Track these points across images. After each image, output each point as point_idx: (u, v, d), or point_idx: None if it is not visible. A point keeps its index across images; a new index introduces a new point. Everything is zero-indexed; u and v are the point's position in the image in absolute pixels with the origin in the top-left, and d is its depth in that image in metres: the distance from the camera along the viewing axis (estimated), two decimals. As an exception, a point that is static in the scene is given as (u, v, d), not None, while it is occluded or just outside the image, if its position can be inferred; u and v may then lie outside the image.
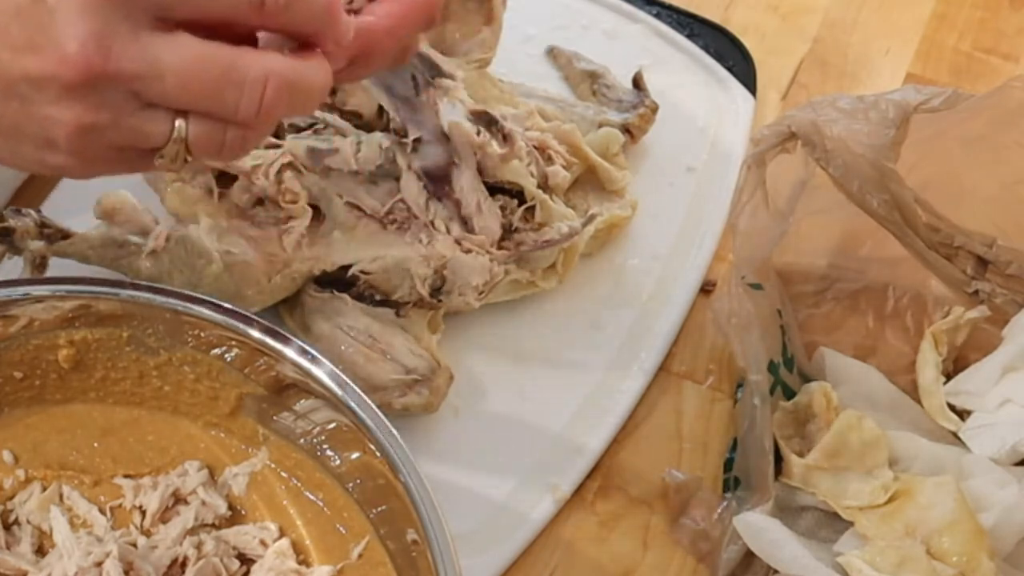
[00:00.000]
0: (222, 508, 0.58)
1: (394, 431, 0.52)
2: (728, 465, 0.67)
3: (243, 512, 0.59)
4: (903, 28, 0.93)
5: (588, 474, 0.67)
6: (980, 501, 0.61)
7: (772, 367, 0.66)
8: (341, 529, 0.57)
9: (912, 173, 0.67)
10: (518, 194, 0.71)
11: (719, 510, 0.65)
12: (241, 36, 0.43)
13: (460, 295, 0.69)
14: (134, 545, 0.56)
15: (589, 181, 0.76)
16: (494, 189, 0.71)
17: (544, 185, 0.72)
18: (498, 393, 0.70)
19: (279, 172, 0.67)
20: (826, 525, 0.63)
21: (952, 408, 0.67)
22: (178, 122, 0.43)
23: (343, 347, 0.66)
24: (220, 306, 0.56)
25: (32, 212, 0.66)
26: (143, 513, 0.58)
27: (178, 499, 0.58)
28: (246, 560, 0.57)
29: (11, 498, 0.57)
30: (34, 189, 0.76)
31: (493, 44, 0.77)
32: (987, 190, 0.71)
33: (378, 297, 0.69)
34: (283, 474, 0.59)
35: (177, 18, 0.42)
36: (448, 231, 0.69)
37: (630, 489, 0.68)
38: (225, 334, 0.55)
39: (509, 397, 0.69)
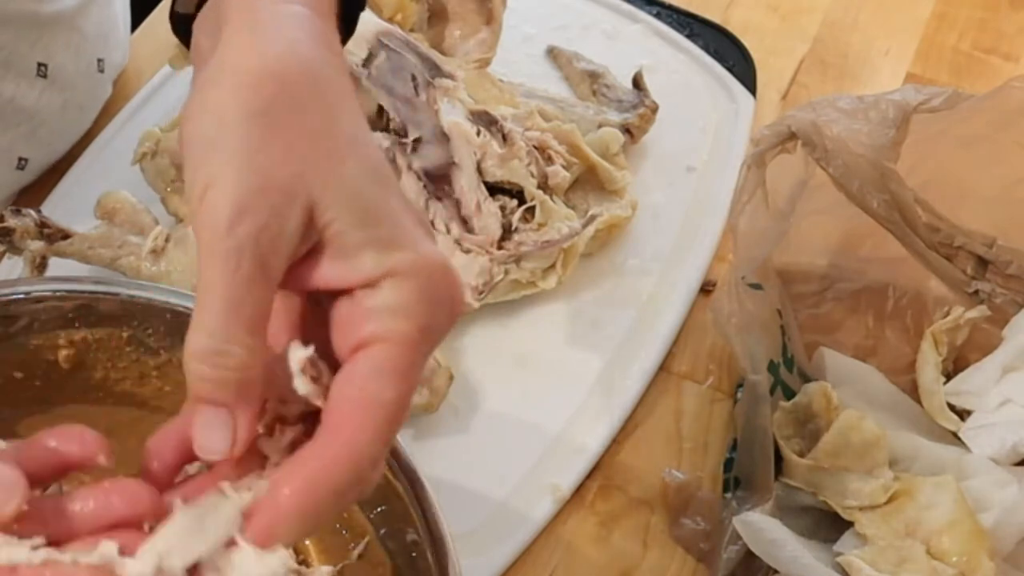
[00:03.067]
0: (222, 508, 0.58)
1: (394, 431, 0.52)
2: (728, 465, 0.67)
3: (243, 512, 0.59)
4: (903, 28, 0.93)
5: (588, 474, 0.67)
6: (980, 501, 0.61)
7: (772, 367, 0.66)
8: (341, 529, 0.57)
9: (912, 173, 0.67)
10: (518, 194, 0.71)
11: (719, 510, 0.65)
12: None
13: (460, 295, 0.69)
14: (134, 545, 0.56)
15: (589, 181, 0.76)
16: (494, 189, 0.71)
17: (544, 185, 0.72)
18: (498, 393, 0.70)
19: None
20: (826, 525, 0.62)
21: (952, 408, 0.67)
22: None
23: (343, 347, 0.66)
24: (220, 306, 0.55)
25: (32, 212, 0.66)
26: (143, 513, 0.58)
27: (178, 499, 0.58)
28: (246, 560, 0.57)
29: (11, 498, 0.57)
30: (34, 189, 0.76)
31: (493, 44, 0.77)
32: (987, 190, 0.71)
33: (378, 297, 0.68)
34: (283, 474, 0.59)
35: None
36: (448, 231, 0.69)
37: (630, 489, 0.68)
38: (225, 334, 0.55)
39: (509, 397, 0.69)
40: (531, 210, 0.71)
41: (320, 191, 0.37)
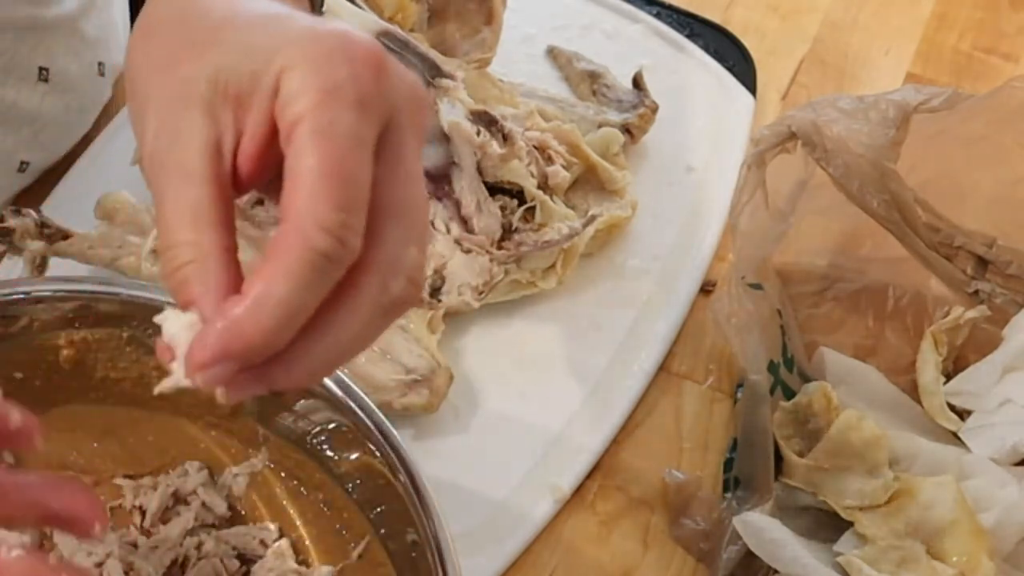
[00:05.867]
0: (222, 508, 0.58)
1: (394, 431, 0.52)
2: (728, 465, 0.67)
3: (243, 512, 0.59)
4: (903, 28, 0.93)
5: (588, 474, 0.67)
6: (980, 501, 0.61)
7: (772, 367, 0.66)
8: (341, 529, 0.57)
9: (912, 173, 0.67)
10: (518, 194, 0.71)
11: (719, 510, 0.65)
12: None
13: (460, 295, 0.69)
14: (134, 545, 0.56)
15: (589, 181, 0.76)
16: (494, 189, 0.71)
17: (544, 185, 0.72)
18: (498, 393, 0.70)
19: (279, 172, 0.67)
20: (826, 525, 0.62)
21: (952, 408, 0.67)
22: None
23: (343, 347, 0.66)
24: (220, 306, 0.55)
25: (32, 212, 0.66)
26: (143, 513, 0.58)
27: (178, 499, 0.58)
28: (246, 560, 0.57)
29: (11, 498, 0.57)
30: (34, 190, 0.76)
31: (493, 44, 0.77)
32: (987, 190, 0.71)
33: (378, 297, 0.69)
34: (283, 474, 0.59)
35: None
36: (448, 231, 0.69)
37: (630, 489, 0.68)
38: (225, 334, 0.55)
39: (509, 397, 0.69)
40: (531, 210, 0.71)
41: (207, 86, 0.38)
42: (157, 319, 0.37)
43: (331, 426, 0.56)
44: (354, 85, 0.36)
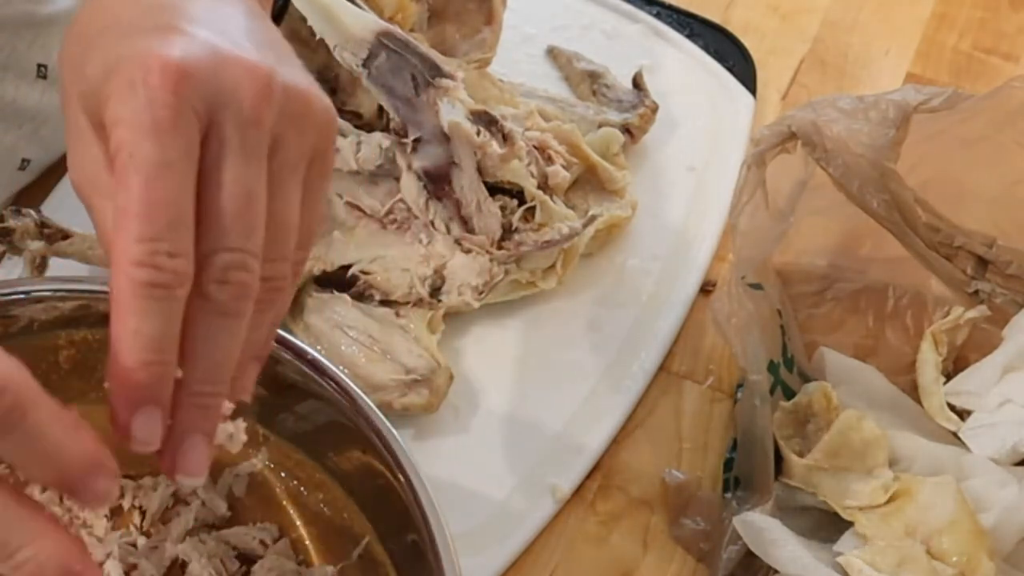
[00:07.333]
0: (222, 508, 0.58)
1: (394, 431, 0.52)
2: (728, 465, 0.67)
3: (243, 512, 0.59)
4: (903, 28, 0.93)
5: (588, 474, 0.67)
6: (980, 501, 0.61)
7: (772, 367, 0.66)
8: (341, 529, 0.57)
9: (912, 173, 0.67)
10: (518, 194, 0.71)
11: (719, 510, 0.65)
12: None
13: (460, 295, 0.69)
14: (134, 546, 0.56)
15: (589, 181, 0.76)
16: (494, 189, 0.71)
17: (544, 185, 0.72)
18: (498, 393, 0.70)
19: (279, 172, 0.66)
20: (826, 525, 0.62)
21: (952, 408, 0.67)
22: None
23: (343, 347, 0.66)
24: (220, 306, 0.55)
25: (32, 212, 0.66)
26: (143, 514, 0.58)
27: (178, 500, 0.58)
28: (246, 560, 0.57)
29: (11, 498, 0.57)
30: (34, 189, 0.76)
31: (493, 44, 0.77)
32: (987, 190, 0.71)
33: (378, 297, 0.69)
34: (283, 474, 0.59)
35: None
36: (448, 231, 0.69)
37: (630, 489, 0.68)
38: (225, 334, 0.55)
39: (509, 397, 0.69)
40: (531, 210, 0.71)
41: (83, 115, 0.40)
42: None
43: (331, 426, 0.56)
44: (150, 111, 0.36)
